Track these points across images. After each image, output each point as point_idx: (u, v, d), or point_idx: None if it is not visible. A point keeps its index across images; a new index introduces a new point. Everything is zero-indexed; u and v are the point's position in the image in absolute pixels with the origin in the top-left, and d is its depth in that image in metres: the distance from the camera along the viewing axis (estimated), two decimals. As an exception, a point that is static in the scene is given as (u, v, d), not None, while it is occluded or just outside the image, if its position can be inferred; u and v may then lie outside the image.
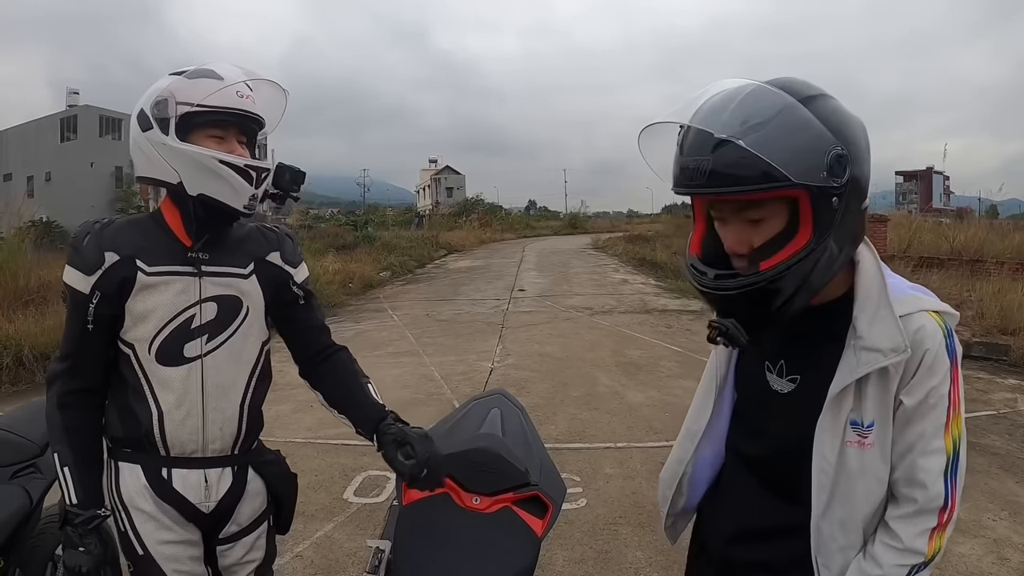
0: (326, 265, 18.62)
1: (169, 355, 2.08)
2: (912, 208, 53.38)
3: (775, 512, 1.67)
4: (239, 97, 2.02)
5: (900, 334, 1.46)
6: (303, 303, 2.38)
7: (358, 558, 4.46)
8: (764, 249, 1.45)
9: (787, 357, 1.63)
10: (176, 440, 2.09)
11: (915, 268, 14.32)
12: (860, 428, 1.50)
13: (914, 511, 1.50)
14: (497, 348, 10.89)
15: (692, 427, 1.86)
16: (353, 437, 6.46)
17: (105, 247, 2.03)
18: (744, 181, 1.36)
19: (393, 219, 54.25)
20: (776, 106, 1.39)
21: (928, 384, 1.47)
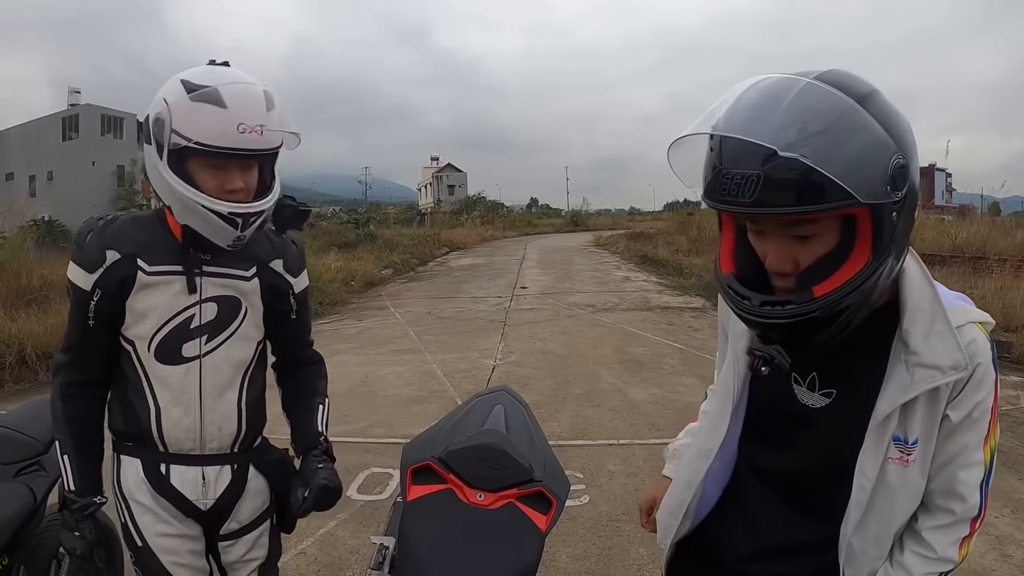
0: (328, 263, 18.63)
1: (168, 354, 2.10)
2: (914, 205, 53.29)
3: (799, 528, 1.61)
4: (240, 134, 1.89)
5: (960, 351, 1.38)
6: (295, 317, 2.39)
7: (361, 555, 4.47)
8: (815, 271, 1.32)
9: (820, 370, 1.52)
10: (173, 437, 2.13)
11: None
12: (904, 445, 1.44)
13: (950, 522, 1.49)
14: (499, 345, 10.87)
15: (705, 446, 1.73)
16: (356, 434, 6.47)
17: (107, 245, 2.04)
18: (804, 200, 1.21)
19: (395, 217, 54.27)
20: (836, 109, 1.23)
21: (975, 398, 1.42)
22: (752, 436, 1.69)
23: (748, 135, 1.23)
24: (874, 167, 1.22)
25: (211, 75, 1.94)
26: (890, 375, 1.42)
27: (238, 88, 1.92)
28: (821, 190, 1.19)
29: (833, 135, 1.20)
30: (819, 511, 1.58)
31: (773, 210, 1.25)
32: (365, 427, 7.03)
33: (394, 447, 6.25)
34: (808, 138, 1.19)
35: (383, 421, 7.24)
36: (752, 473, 1.70)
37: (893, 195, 1.24)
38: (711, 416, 1.77)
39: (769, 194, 1.22)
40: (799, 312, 1.31)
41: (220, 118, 1.88)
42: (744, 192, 1.24)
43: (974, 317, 1.45)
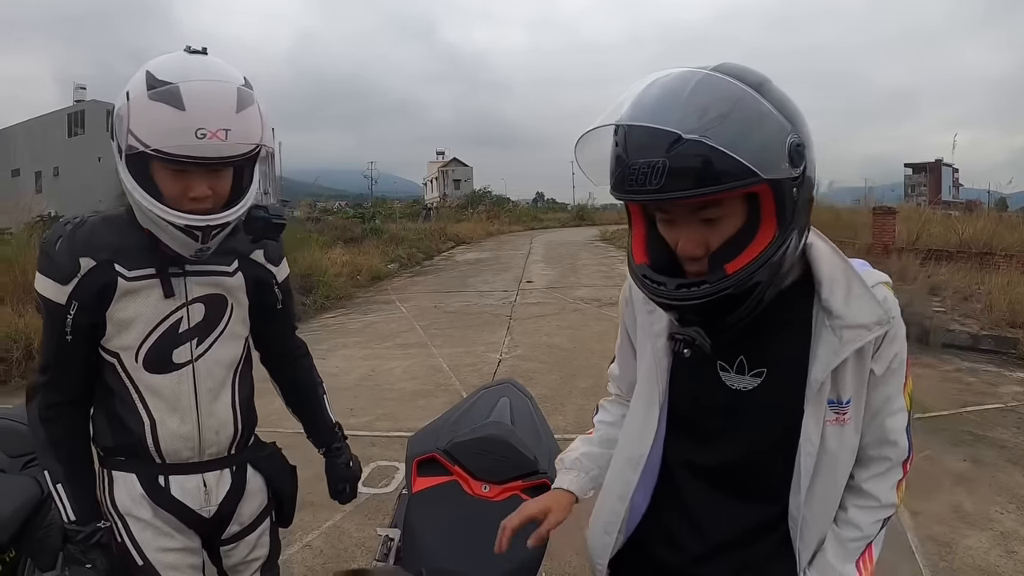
0: (334, 257, 18.63)
1: (158, 362, 1.98)
2: (921, 201, 53.17)
3: (747, 515, 1.62)
4: (199, 140, 1.71)
5: (881, 307, 1.48)
6: (281, 307, 2.28)
7: (367, 547, 4.48)
8: (725, 250, 1.37)
9: (746, 352, 1.55)
10: (171, 448, 2.01)
11: (924, 260, 14.26)
12: (838, 406, 1.50)
13: (886, 469, 1.59)
14: (505, 339, 10.89)
15: (634, 453, 1.71)
16: (362, 428, 6.47)
17: (79, 252, 1.88)
18: (708, 181, 1.26)
19: (401, 211, 54.24)
20: (733, 96, 1.29)
21: (893, 350, 1.52)
22: (681, 435, 1.67)
23: (652, 124, 1.29)
24: (773, 146, 1.28)
25: (179, 68, 1.77)
26: (818, 342, 1.49)
27: (202, 88, 1.74)
28: (725, 170, 1.25)
29: (733, 119, 1.26)
30: (764, 492, 1.60)
31: (680, 194, 1.28)
32: (371, 420, 7.05)
33: (400, 440, 6.26)
34: (709, 123, 1.24)
35: (389, 414, 7.26)
36: (687, 471, 1.67)
37: (792, 171, 1.31)
38: (635, 421, 1.73)
39: (675, 180, 1.27)
40: (714, 290, 1.36)
41: (177, 122, 1.70)
42: (651, 180, 1.28)
43: (880, 278, 1.56)
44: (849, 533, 1.57)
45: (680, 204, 1.34)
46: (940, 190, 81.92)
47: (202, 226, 1.82)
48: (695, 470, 1.66)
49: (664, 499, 1.70)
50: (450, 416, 2.40)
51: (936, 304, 11.32)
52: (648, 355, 1.68)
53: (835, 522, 1.59)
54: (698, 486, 1.65)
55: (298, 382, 2.46)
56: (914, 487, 5.03)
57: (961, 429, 6.32)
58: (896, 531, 4.48)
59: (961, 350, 9.44)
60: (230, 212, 1.88)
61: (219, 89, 1.76)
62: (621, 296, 1.81)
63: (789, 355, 1.52)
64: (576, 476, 1.83)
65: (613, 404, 1.92)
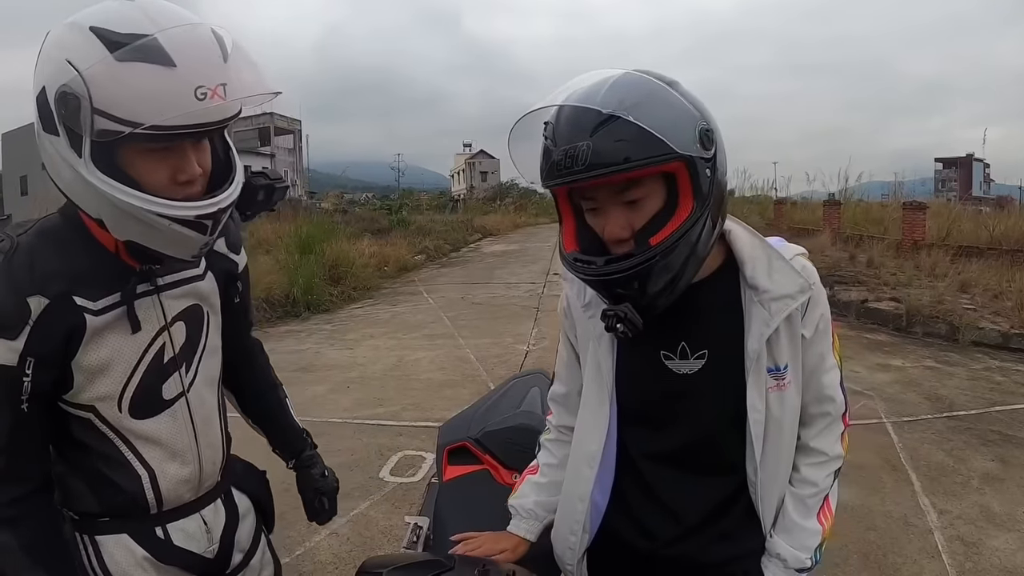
0: (362, 248, 18.65)
1: (146, 405, 1.61)
2: (951, 196, 52.58)
3: (713, 490, 1.69)
4: (199, 100, 1.29)
5: (801, 276, 1.58)
6: (239, 301, 1.90)
7: (393, 536, 4.51)
8: (648, 228, 1.45)
9: (686, 338, 1.63)
10: (173, 495, 1.68)
11: (954, 257, 14.13)
12: (776, 372, 1.59)
13: (828, 424, 1.70)
14: (532, 331, 10.86)
15: (589, 449, 1.74)
16: (389, 417, 6.50)
17: (25, 290, 1.41)
18: (630, 158, 1.36)
19: (427, 203, 54.31)
20: (647, 87, 1.42)
21: (818, 312, 1.62)
22: (635, 426, 1.72)
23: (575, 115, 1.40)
24: (685, 128, 1.39)
25: (131, 16, 1.31)
26: (750, 317, 1.59)
27: (183, 33, 1.32)
28: (644, 148, 1.35)
29: (647, 104, 1.37)
30: (723, 466, 1.67)
31: (604, 171, 1.37)
32: (398, 410, 7.08)
33: (427, 430, 6.31)
34: (628, 107, 1.34)
35: (416, 404, 7.28)
36: (647, 460, 1.72)
37: (704, 152, 1.41)
38: (587, 418, 1.77)
39: (599, 159, 1.36)
40: (640, 260, 1.42)
41: (170, 83, 1.27)
42: (577, 163, 1.37)
43: (797, 250, 1.67)
44: (805, 491, 1.67)
45: (604, 187, 1.43)
46: (971, 185, 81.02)
47: (213, 212, 1.43)
48: (655, 457, 1.71)
49: (629, 490, 1.75)
50: (481, 405, 2.40)
51: (966, 301, 11.20)
52: (592, 358, 1.73)
53: (791, 483, 1.69)
54: (660, 472, 1.71)
55: (256, 386, 2.13)
56: (941, 486, 5.01)
57: (990, 428, 6.26)
58: (922, 530, 4.50)
59: (991, 348, 9.31)
60: (233, 188, 1.50)
61: (199, 34, 1.35)
62: (559, 308, 1.86)
63: (726, 334, 1.61)
64: (530, 525, 1.87)
65: (555, 444, 1.92)
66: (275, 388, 2.16)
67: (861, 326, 10.75)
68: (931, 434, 6.14)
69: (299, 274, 13.82)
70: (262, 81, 1.43)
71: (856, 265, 15.29)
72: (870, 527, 4.53)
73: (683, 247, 1.43)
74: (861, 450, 5.60)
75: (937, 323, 10.12)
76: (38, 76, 1.34)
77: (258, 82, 1.42)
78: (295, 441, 2.16)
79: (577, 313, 1.76)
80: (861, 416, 6.42)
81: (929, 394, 7.26)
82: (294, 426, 2.17)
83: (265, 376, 2.15)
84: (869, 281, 13.38)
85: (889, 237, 18.00)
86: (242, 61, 1.38)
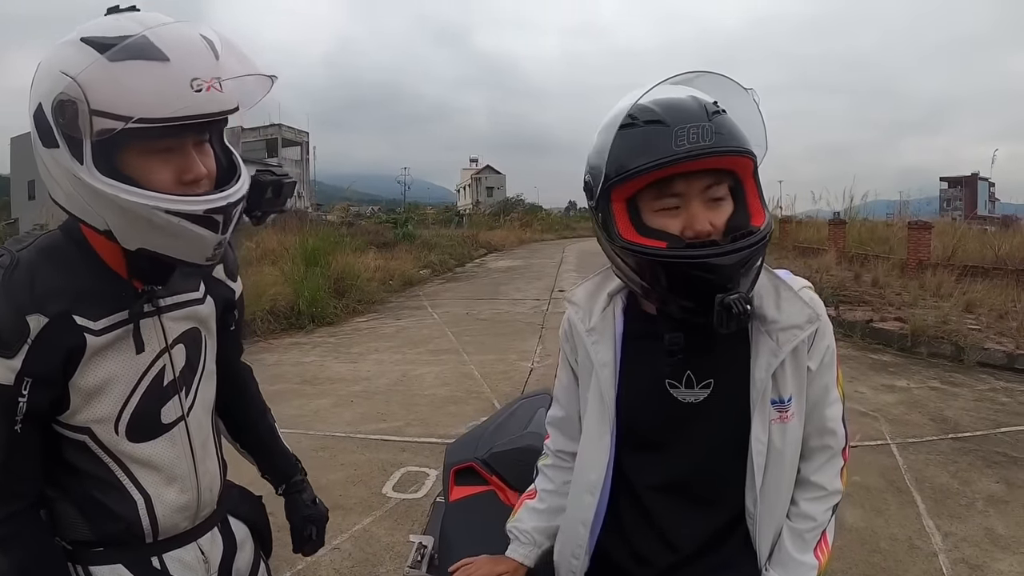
0: (367, 262, 18.65)
1: (144, 428, 1.57)
2: (957, 215, 52.53)
3: (710, 520, 1.69)
4: (196, 92, 1.30)
5: (809, 307, 1.60)
6: (234, 328, 1.88)
7: (395, 552, 4.50)
8: (738, 218, 1.50)
9: (692, 367, 1.63)
10: (170, 523, 1.63)
11: (959, 277, 14.10)
12: (781, 404, 1.60)
13: (828, 458, 1.69)
14: (537, 348, 10.84)
15: (591, 477, 1.74)
16: (393, 433, 6.49)
17: (24, 307, 1.38)
18: (742, 144, 1.45)
19: (433, 217, 54.38)
20: (737, 89, 1.52)
21: (824, 344, 1.64)
22: (638, 454, 1.73)
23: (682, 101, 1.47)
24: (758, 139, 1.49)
25: (120, 24, 1.33)
26: (757, 347, 1.60)
27: (172, 31, 1.33)
28: (744, 139, 1.45)
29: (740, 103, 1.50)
30: (723, 497, 1.68)
31: (728, 149, 1.43)
32: (401, 426, 7.07)
33: (430, 446, 6.32)
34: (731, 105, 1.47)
35: (420, 420, 7.26)
36: (648, 489, 1.72)
37: None
38: (589, 448, 1.76)
39: (722, 138, 1.42)
40: (758, 238, 1.46)
41: (165, 75, 1.28)
42: (702, 137, 1.41)
43: (803, 283, 1.68)
44: (803, 525, 1.66)
45: (695, 181, 1.46)
46: (976, 204, 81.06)
47: (223, 206, 1.40)
48: (655, 486, 1.71)
49: (628, 518, 1.75)
50: (488, 426, 2.40)
51: (971, 321, 11.18)
52: (594, 384, 1.73)
53: (789, 516, 1.67)
54: (658, 499, 1.71)
55: (247, 412, 2.08)
56: (946, 508, 4.99)
57: (995, 450, 6.23)
58: (927, 553, 4.48)
59: (996, 369, 9.27)
60: (240, 183, 1.48)
61: (187, 33, 1.35)
62: (561, 331, 1.86)
63: (733, 364, 1.62)
64: (529, 551, 1.87)
65: (553, 470, 1.92)
66: (265, 414, 2.12)
67: (866, 346, 10.71)
68: (936, 456, 6.11)
69: (304, 286, 13.81)
70: (256, 68, 1.43)
71: (861, 285, 15.28)
72: (874, 549, 4.51)
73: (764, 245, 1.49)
74: (866, 471, 5.60)
75: (942, 343, 10.09)
76: (33, 96, 1.34)
77: (252, 69, 1.42)
78: (285, 467, 2.13)
79: (580, 338, 1.76)
80: (866, 437, 6.42)
81: (934, 415, 7.23)
82: (285, 452, 2.14)
83: (256, 402, 2.12)
84: (874, 301, 13.37)
85: (894, 256, 17.98)
86: (234, 56, 1.38)
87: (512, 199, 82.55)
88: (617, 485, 1.74)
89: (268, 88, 1.48)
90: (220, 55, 1.36)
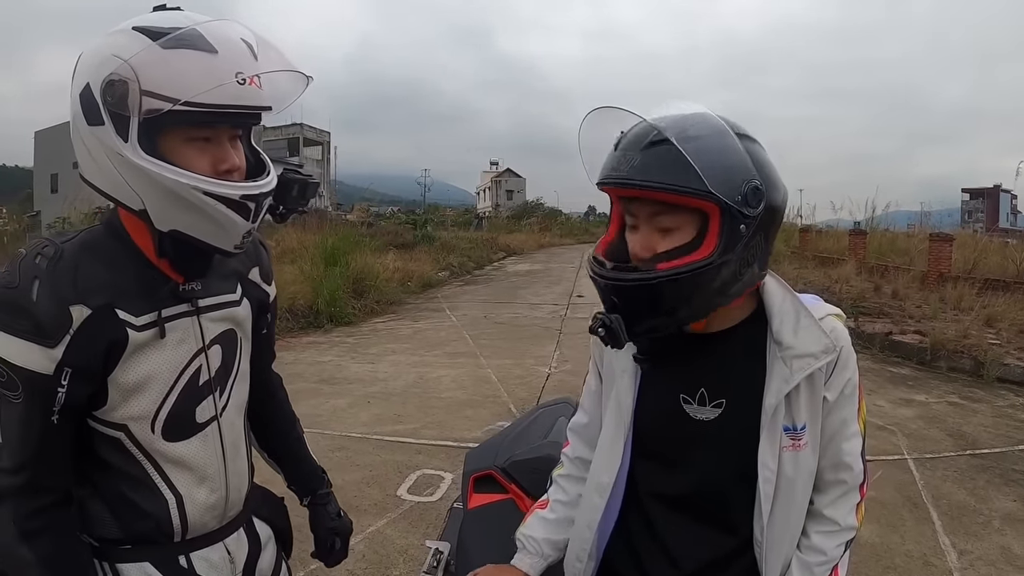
0: (386, 262, 18.71)
1: (179, 427, 1.58)
2: (978, 227, 52.06)
3: (715, 542, 1.68)
4: (240, 85, 1.37)
5: (827, 337, 1.57)
6: (266, 332, 1.91)
7: (409, 555, 4.52)
8: (666, 255, 1.48)
9: (706, 385, 1.63)
10: (199, 523, 1.64)
11: (980, 290, 13.98)
12: (793, 431, 1.58)
13: (843, 492, 1.65)
14: (555, 353, 10.84)
15: (602, 480, 1.76)
16: (409, 435, 6.49)
17: (68, 298, 1.39)
18: (665, 181, 1.41)
19: (453, 219, 54.48)
20: (715, 128, 1.46)
21: (845, 376, 1.60)
22: (648, 464, 1.73)
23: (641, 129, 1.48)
24: (731, 178, 1.41)
25: (171, 16, 1.41)
26: (771, 372, 1.58)
27: (221, 27, 1.40)
28: (683, 176, 1.39)
29: (706, 141, 1.42)
30: (729, 520, 1.66)
31: (639, 183, 1.44)
32: (417, 428, 7.08)
33: (446, 450, 6.33)
34: (685, 138, 1.40)
35: (436, 423, 7.27)
36: (654, 500, 1.72)
37: (745, 208, 1.43)
38: (603, 450, 1.78)
39: (641, 171, 1.43)
40: (639, 278, 1.47)
41: (213, 66, 1.35)
42: (622, 167, 1.46)
43: (830, 310, 1.66)
44: (814, 559, 1.63)
45: (644, 206, 1.49)
46: (998, 217, 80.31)
47: (256, 194, 1.47)
48: (662, 498, 1.71)
49: (635, 527, 1.75)
50: (508, 434, 2.40)
51: (991, 336, 11.09)
52: (615, 391, 1.75)
53: (799, 548, 1.65)
54: (665, 514, 1.71)
55: (276, 420, 2.09)
56: (962, 526, 4.96)
57: (1013, 468, 6.19)
58: (942, 571, 4.45)
59: (1016, 385, 9.20)
60: (270, 176, 1.54)
61: (235, 32, 1.43)
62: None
63: (746, 385, 1.60)
64: (535, 561, 1.87)
65: (568, 481, 1.93)
66: (295, 424, 2.13)
67: (885, 359, 10.66)
68: (953, 472, 6.07)
69: (324, 285, 13.89)
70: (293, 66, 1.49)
71: (881, 296, 15.21)
72: (889, 566, 4.49)
73: (687, 285, 1.45)
74: (882, 486, 5.57)
75: (962, 358, 10.04)
76: (80, 76, 1.38)
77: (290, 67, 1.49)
78: (311, 479, 2.13)
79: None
80: (883, 451, 6.39)
81: (952, 431, 7.19)
82: (311, 463, 2.14)
83: (286, 411, 2.12)
84: (894, 313, 13.31)
85: (915, 268, 17.88)
86: (272, 56, 1.46)
87: (532, 203, 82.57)
88: (630, 492, 1.74)
89: (303, 88, 1.54)
90: (259, 56, 1.42)
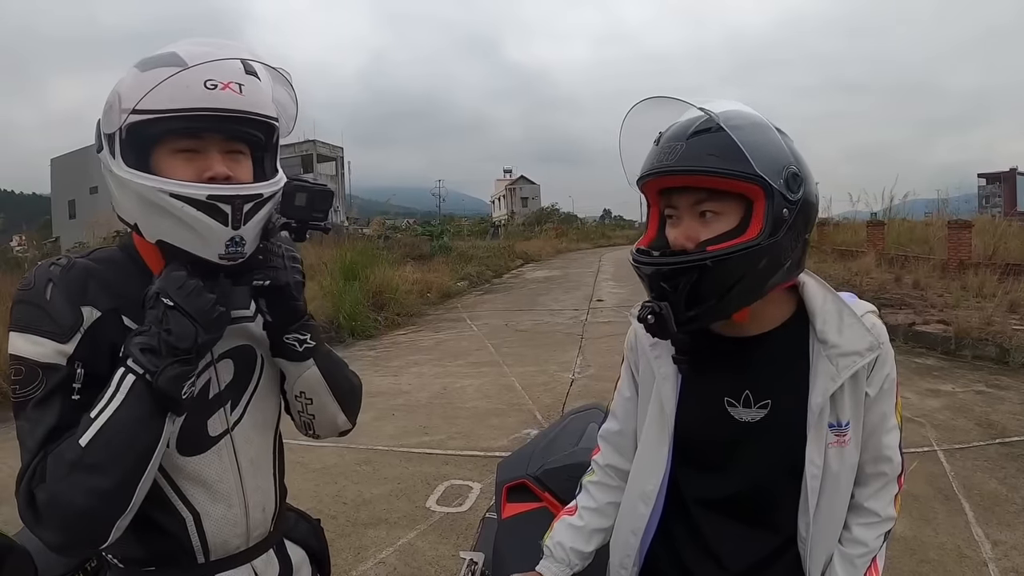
0: (405, 275, 18.76)
1: (192, 440, 1.56)
2: (996, 212, 51.51)
3: (762, 542, 1.69)
4: (209, 90, 1.38)
5: (871, 334, 1.60)
6: None
7: (440, 567, 4.53)
8: (713, 240, 1.49)
9: (751, 387, 1.65)
10: (219, 541, 1.61)
11: (1002, 276, 13.88)
12: (838, 428, 1.60)
13: (883, 484, 1.68)
14: (577, 359, 10.84)
15: (646, 488, 1.76)
16: (436, 446, 6.51)
17: (78, 300, 1.43)
18: (714, 167, 1.44)
19: (468, 229, 54.56)
20: (753, 119, 1.51)
21: (884, 372, 1.64)
22: (693, 469, 1.73)
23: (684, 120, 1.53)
24: (775, 161, 1.46)
25: (171, 46, 1.46)
26: (816, 371, 1.60)
27: (204, 49, 1.43)
28: (731, 161, 1.43)
29: (749, 129, 1.47)
30: (775, 518, 1.67)
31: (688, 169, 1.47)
32: (444, 439, 7.10)
33: (473, 460, 6.35)
34: (731, 125, 1.45)
35: (462, 433, 7.29)
36: (700, 504, 1.73)
37: (787, 192, 1.46)
38: (645, 456, 1.79)
39: (687, 160, 1.46)
40: (691, 260, 1.48)
41: (180, 77, 1.37)
42: (668, 158, 1.48)
43: (868, 308, 1.69)
44: (855, 550, 1.65)
45: (686, 195, 1.51)
46: (1016, 200, 79.54)
47: (229, 195, 1.41)
48: (706, 501, 1.72)
49: (678, 531, 1.76)
50: (540, 442, 2.41)
51: (1015, 322, 11.00)
52: (655, 396, 1.76)
53: (840, 541, 1.67)
54: (711, 518, 1.71)
55: None
56: (995, 516, 4.92)
57: (1044, 455, 6.13)
58: (976, 562, 4.43)
59: (1043, 371, 9.12)
60: (262, 184, 1.49)
61: (221, 47, 1.45)
62: (627, 342, 1.92)
63: (791, 385, 1.62)
64: (560, 569, 1.86)
65: (598, 488, 1.92)
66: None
67: (909, 350, 10.59)
68: (983, 461, 6.03)
69: (344, 300, 13.96)
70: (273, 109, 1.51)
71: (902, 287, 15.13)
72: (923, 559, 4.46)
73: (737, 267, 1.46)
74: (913, 479, 5.51)
75: (987, 346, 9.97)
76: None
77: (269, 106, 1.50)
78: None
79: (643, 349, 1.79)
80: (912, 443, 6.33)
81: (980, 420, 7.14)
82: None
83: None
84: (916, 303, 13.24)
85: (934, 257, 17.76)
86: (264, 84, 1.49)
87: (547, 209, 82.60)
88: (671, 497, 1.75)
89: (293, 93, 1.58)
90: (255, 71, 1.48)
